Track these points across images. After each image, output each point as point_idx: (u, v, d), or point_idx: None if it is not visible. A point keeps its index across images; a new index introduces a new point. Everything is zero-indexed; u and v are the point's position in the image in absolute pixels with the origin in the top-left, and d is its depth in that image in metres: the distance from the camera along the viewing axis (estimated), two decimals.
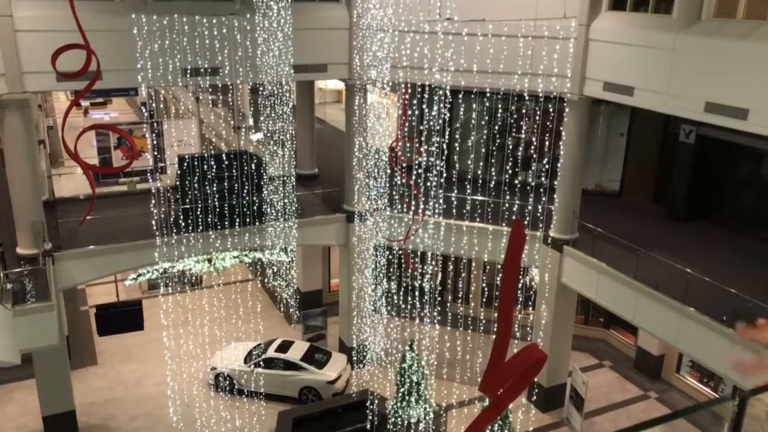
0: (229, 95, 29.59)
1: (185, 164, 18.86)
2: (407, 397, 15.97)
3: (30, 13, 15.13)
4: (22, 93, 15.49)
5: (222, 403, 19.52)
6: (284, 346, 20.42)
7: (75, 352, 20.90)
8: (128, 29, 15.77)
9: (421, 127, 19.01)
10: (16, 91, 15.34)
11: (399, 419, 16.04)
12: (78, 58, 10.86)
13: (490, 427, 13.72)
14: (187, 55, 16.52)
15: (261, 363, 19.83)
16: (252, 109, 28.48)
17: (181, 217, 18.25)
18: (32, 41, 15.10)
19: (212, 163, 18.79)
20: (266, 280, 23.47)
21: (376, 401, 17.20)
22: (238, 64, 17.19)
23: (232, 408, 19.27)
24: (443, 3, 16.20)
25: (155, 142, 23.14)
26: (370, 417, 16.92)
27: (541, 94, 17.07)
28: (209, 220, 18.27)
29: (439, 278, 20.58)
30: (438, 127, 17.80)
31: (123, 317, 18.43)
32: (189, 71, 16.73)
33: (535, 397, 18.90)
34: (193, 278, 24.65)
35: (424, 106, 17.95)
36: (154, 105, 30.74)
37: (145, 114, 33.39)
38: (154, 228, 17.34)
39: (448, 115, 18.00)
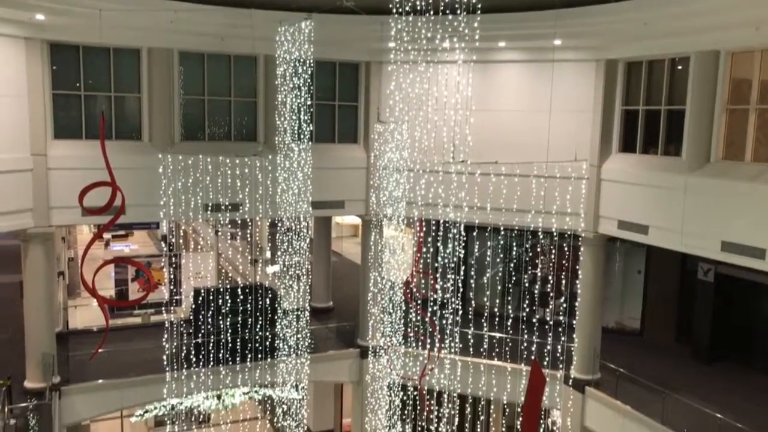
0: (248, 229, 30.19)
1: (200, 297, 18.88)
2: None
3: (63, 152, 15.89)
4: (48, 227, 15.92)
5: None
6: None
7: None
8: (154, 167, 16.44)
9: (437, 263, 19.09)
10: (42, 225, 15.78)
11: None
12: (103, 194, 11.27)
13: None
14: (209, 191, 17.09)
15: None
16: (270, 242, 28.94)
17: (193, 351, 17.98)
18: (62, 178, 15.72)
19: (227, 296, 18.80)
20: (276, 419, 22.60)
21: None
22: (258, 201, 17.68)
23: None
24: (457, 146, 16.83)
25: (172, 275, 23.32)
26: None
27: (555, 232, 17.21)
28: (221, 354, 17.97)
29: (457, 421, 19.68)
30: (453, 263, 17.84)
31: None
32: (210, 207, 17.21)
33: None
34: (201, 416, 23.82)
35: (439, 243, 18.12)
36: (174, 238, 31.35)
37: (165, 247, 33.97)
38: (165, 362, 17.05)
39: (463, 251, 18.11)
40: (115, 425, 23.45)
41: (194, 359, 17.79)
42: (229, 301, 18.79)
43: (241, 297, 19.04)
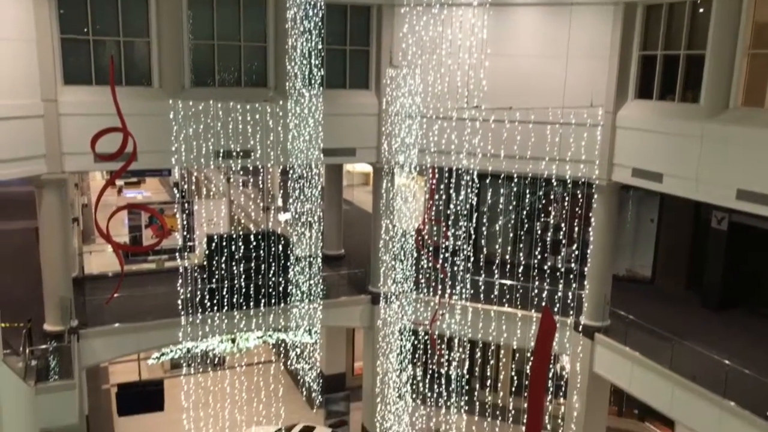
0: (260, 176, 30.20)
1: (213, 244, 19.07)
2: None
3: (74, 98, 15.82)
4: (61, 173, 16.00)
5: None
6: None
7: None
8: (165, 113, 16.37)
9: (449, 211, 19.06)
10: (56, 171, 15.85)
11: None
12: (115, 140, 11.23)
13: None
14: (220, 138, 17.03)
15: None
16: (281, 190, 28.99)
17: (207, 296, 18.28)
18: (73, 124, 15.69)
19: (240, 242, 18.97)
20: (289, 362, 23.13)
21: None
22: (270, 147, 17.62)
23: None
24: (471, 91, 16.58)
25: (185, 222, 23.50)
26: None
27: (569, 179, 17.09)
28: (235, 299, 18.26)
29: (467, 365, 20.04)
30: (465, 211, 17.82)
31: (144, 397, 18.20)
32: (221, 154, 17.19)
33: None
34: (216, 359, 24.40)
35: (452, 190, 18.06)
36: (186, 185, 31.47)
37: (177, 194, 34.14)
38: (180, 307, 17.36)
39: (475, 198, 18.06)
40: (133, 367, 24.08)
41: (208, 304, 18.08)
42: (242, 247, 18.96)
43: (254, 244, 19.21)
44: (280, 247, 19.35)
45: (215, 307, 18.08)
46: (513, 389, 21.75)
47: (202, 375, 23.58)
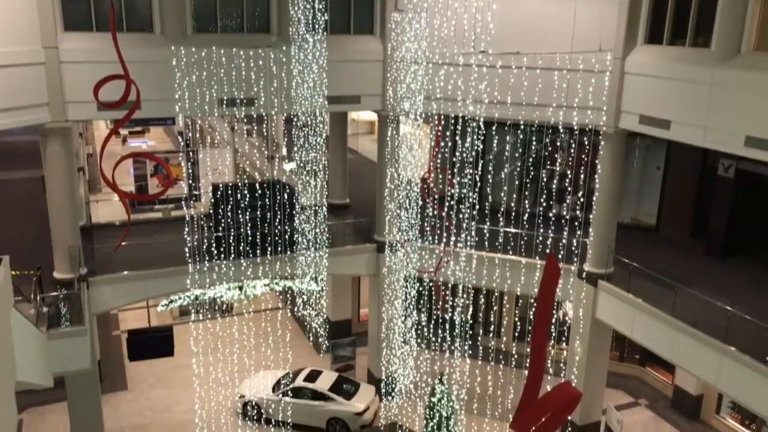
0: (264, 125, 30.04)
1: (219, 192, 19.13)
2: None
3: (75, 45, 15.62)
4: (65, 122, 15.93)
5: None
6: (312, 376, 20.31)
7: (106, 377, 21.07)
8: (167, 61, 16.18)
9: (454, 159, 18.97)
10: (59, 119, 15.77)
11: None
12: (118, 88, 11.16)
13: None
14: (223, 86, 16.86)
15: (289, 392, 19.73)
16: (286, 139, 28.86)
17: (214, 244, 18.43)
18: (75, 72, 15.54)
19: (245, 191, 19.01)
20: (296, 309, 23.48)
21: None
22: (274, 95, 17.45)
23: None
24: (477, 36, 16.28)
25: (191, 171, 23.53)
26: None
27: (575, 127, 16.94)
28: (241, 248, 18.41)
29: (471, 311, 20.31)
30: (471, 159, 17.73)
31: (154, 343, 18.57)
32: (225, 102, 17.06)
33: None
34: (224, 306, 24.78)
35: (458, 138, 17.94)
36: (190, 134, 31.33)
37: (182, 143, 34.06)
38: (187, 255, 17.53)
39: (481, 146, 17.95)
40: (142, 315, 24.51)
41: (215, 252, 18.25)
42: (248, 196, 19.00)
43: (259, 192, 19.24)
44: (286, 196, 19.39)
45: (222, 256, 18.24)
46: (516, 335, 22.10)
47: (211, 322, 24.00)
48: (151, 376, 22.12)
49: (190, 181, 23.38)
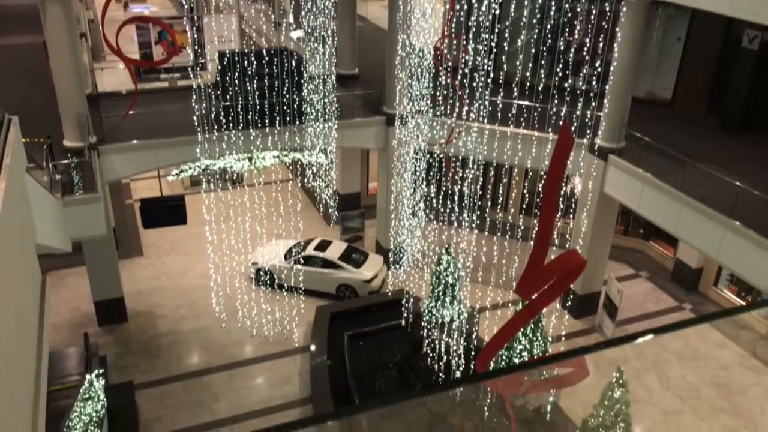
0: None
1: (225, 59, 18.65)
2: (442, 298, 16.25)
3: None
4: None
5: (263, 296, 20.23)
6: (323, 245, 20.84)
7: (122, 243, 21.70)
8: None
9: (469, 23, 18.20)
10: None
11: (433, 318, 16.40)
12: None
13: (522, 330, 13.95)
14: None
15: (301, 260, 20.34)
16: (293, 4, 27.73)
17: (222, 114, 18.24)
18: None
19: (252, 59, 18.52)
20: (306, 181, 23.65)
21: (411, 300, 17.60)
22: None
23: (273, 301, 19.97)
24: None
25: (195, 38, 22.86)
26: (405, 315, 17.37)
27: None
28: (249, 117, 18.22)
29: (479, 184, 20.36)
30: (487, 25, 17.02)
31: (167, 211, 18.91)
32: None
33: (569, 304, 19.07)
34: (234, 176, 24.96)
35: (474, 1, 17.09)
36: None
37: (185, 8, 32.83)
38: (195, 125, 17.41)
39: (497, 10, 17.16)
40: (154, 184, 24.81)
41: (224, 122, 18.09)
42: (255, 64, 18.53)
43: (267, 60, 18.73)
44: (293, 65, 18.90)
45: (230, 125, 18.10)
46: (523, 208, 22.34)
47: (222, 192, 24.30)
48: (166, 243, 22.75)
49: (196, 49, 22.77)
